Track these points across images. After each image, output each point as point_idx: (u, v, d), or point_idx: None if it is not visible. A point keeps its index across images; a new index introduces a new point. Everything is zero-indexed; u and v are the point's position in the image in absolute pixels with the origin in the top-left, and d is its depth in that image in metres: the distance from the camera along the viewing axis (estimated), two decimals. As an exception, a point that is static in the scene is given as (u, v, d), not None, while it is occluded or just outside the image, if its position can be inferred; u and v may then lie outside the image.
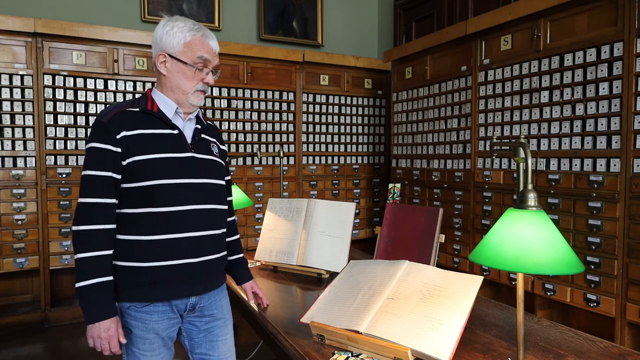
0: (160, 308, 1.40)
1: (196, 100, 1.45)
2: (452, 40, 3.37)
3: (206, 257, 1.44)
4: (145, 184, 1.35)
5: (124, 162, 1.34)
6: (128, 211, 1.36)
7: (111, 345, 1.31)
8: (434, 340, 1.21)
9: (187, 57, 1.40)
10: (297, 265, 2.21)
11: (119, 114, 1.37)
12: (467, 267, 3.24)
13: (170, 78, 1.42)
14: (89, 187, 1.33)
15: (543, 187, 2.68)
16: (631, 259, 2.28)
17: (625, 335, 2.32)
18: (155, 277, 1.36)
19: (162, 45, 1.41)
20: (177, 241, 1.37)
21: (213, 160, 1.51)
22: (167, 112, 1.43)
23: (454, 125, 3.42)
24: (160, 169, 1.36)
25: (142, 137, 1.36)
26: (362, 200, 4.70)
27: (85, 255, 1.30)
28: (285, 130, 4.33)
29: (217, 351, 1.53)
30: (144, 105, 1.42)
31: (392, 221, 2.09)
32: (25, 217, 3.37)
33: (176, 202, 1.37)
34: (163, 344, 1.42)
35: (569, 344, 1.39)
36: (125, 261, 1.36)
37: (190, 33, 1.41)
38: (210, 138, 1.55)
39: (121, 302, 1.38)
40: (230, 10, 4.53)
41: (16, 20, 3.27)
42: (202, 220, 1.43)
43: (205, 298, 1.49)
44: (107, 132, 1.33)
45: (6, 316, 3.38)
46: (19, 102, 3.35)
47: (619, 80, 2.34)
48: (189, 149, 1.44)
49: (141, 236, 1.35)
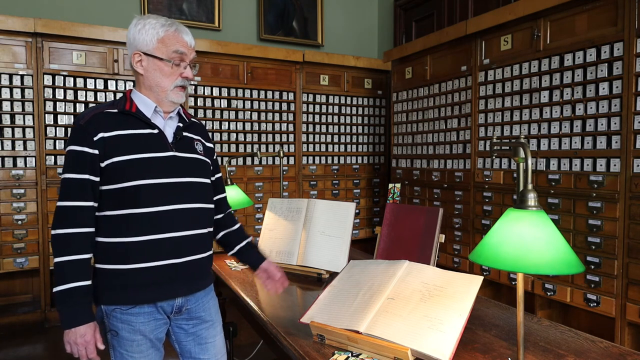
0: (146, 309, 1.38)
1: (176, 97, 1.43)
2: (452, 40, 3.37)
3: (190, 257, 1.42)
4: (126, 185, 1.33)
5: (102, 164, 1.33)
6: (109, 213, 1.34)
7: (88, 352, 1.29)
8: (434, 340, 1.21)
9: (162, 53, 1.39)
10: (297, 265, 2.21)
11: (96, 115, 1.36)
12: (467, 267, 3.24)
13: (148, 77, 1.41)
14: (67, 191, 1.32)
15: (543, 187, 2.68)
16: (631, 259, 2.28)
17: (625, 335, 2.32)
18: (139, 279, 1.34)
19: (136, 44, 1.39)
20: (160, 242, 1.35)
21: (196, 158, 1.48)
22: (146, 111, 1.41)
23: (454, 125, 3.42)
24: (140, 169, 1.34)
25: (121, 138, 1.35)
26: (362, 200, 4.70)
27: (63, 260, 1.28)
28: (285, 130, 4.33)
29: (206, 353, 1.52)
30: (123, 105, 1.40)
31: (392, 221, 2.09)
32: (25, 217, 3.37)
33: (158, 202, 1.35)
34: (151, 345, 1.41)
35: (569, 344, 1.39)
36: (107, 264, 1.35)
37: (163, 29, 1.39)
38: (193, 136, 1.52)
39: (105, 305, 1.36)
40: (230, 10, 4.53)
41: (16, 20, 3.27)
42: (185, 220, 1.41)
43: (192, 300, 1.47)
44: (84, 135, 1.32)
45: (6, 316, 3.38)
46: (19, 102, 3.35)
47: (619, 80, 2.34)
48: (170, 148, 1.41)
49: (123, 238, 1.33)
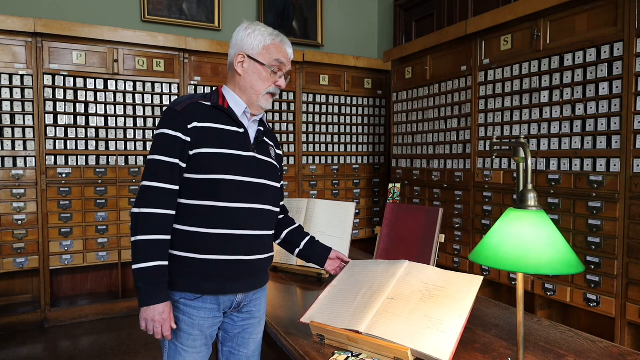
0: (209, 305, 1.41)
1: (265, 102, 1.49)
2: (452, 40, 3.37)
3: (257, 256, 1.46)
4: (209, 177, 1.37)
5: (191, 152, 1.36)
6: (188, 202, 1.38)
7: (164, 329, 1.32)
8: (434, 340, 1.21)
9: (264, 59, 1.46)
10: (297, 265, 2.21)
11: (192, 104, 1.40)
12: (467, 267, 3.24)
13: (246, 78, 1.46)
14: (154, 172, 1.35)
15: (543, 187, 2.68)
16: (631, 259, 2.28)
17: (625, 335, 2.32)
18: (209, 270, 1.38)
19: (243, 45, 1.46)
20: (234, 237, 1.39)
21: (271, 162, 1.54)
22: (237, 110, 1.46)
23: (454, 125, 3.42)
24: (224, 164, 1.38)
25: (211, 131, 1.39)
26: (362, 200, 4.70)
27: (145, 238, 1.31)
28: (285, 130, 4.33)
29: (247, 348, 1.55)
30: (216, 100, 1.45)
31: (392, 221, 2.09)
32: (25, 217, 3.37)
33: (237, 199, 1.39)
34: (204, 342, 1.44)
35: (569, 344, 1.39)
36: (181, 251, 1.38)
37: (271, 37, 1.47)
38: (269, 141, 1.59)
39: (172, 292, 1.39)
40: (230, 10, 4.53)
41: (16, 20, 3.27)
42: (258, 220, 1.45)
43: (249, 296, 1.51)
44: (179, 121, 1.36)
45: (6, 316, 3.38)
46: (19, 102, 3.35)
47: (619, 80, 2.34)
48: (251, 149, 1.46)
49: (199, 228, 1.37)
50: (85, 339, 3.32)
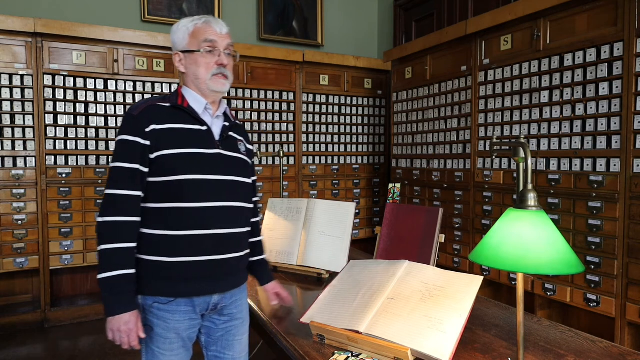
0: (183, 307, 1.39)
1: (215, 85, 1.45)
2: (452, 40, 3.37)
3: (230, 255, 1.44)
4: (173, 179, 1.35)
5: (152, 156, 1.35)
6: (154, 205, 1.37)
7: (130, 339, 1.30)
8: (434, 340, 1.21)
9: (193, 45, 1.44)
10: (297, 265, 2.21)
11: (149, 107, 1.39)
12: (467, 267, 3.24)
13: (189, 72, 1.46)
14: (116, 179, 1.34)
15: (543, 187, 2.68)
16: (631, 259, 2.28)
17: (625, 335, 2.32)
18: (180, 273, 1.36)
19: (175, 45, 1.48)
20: (203, 238, 1.37)
21: (240, 158, 1.52)
22: (197, 108, 1.44)
23: (454, 125, 3.42)
24: (187, 164, 1.37)
25: (171, 132, 1.38)
26: (362, 200, 4.70)
27: (110, 247, 1.30)
28: (285, 130, 4.33)
29: (232, 350, 1.53)
30: (175, 100, 1.44)
31: (392, 221, 2.09)
32: (25, 217, 3.37)
33: (204, 198, 1.38)
34: (182, 345, 1.42)
35: (569, 344, 1.39)
36: (150, 255, 1.36)
37: (192, 24, 1.46)
38: (237, 136, 1.56)
39: (145, 297, 1.37)
40: (230, 10, 4.53)
41: (16, 20, 3.27)
42: (227, 218, 1.43)
43: (227, 297, 1.48)
44: (137, 125, 1.35)
45: (6, 316, 3.38)
46: (19, 102, 3.35)
47: (619, 80, 2.34)
48: (216, 146, 1.44)
49: (167, 231, 1.35)
50: (85, 339, 3.31)
